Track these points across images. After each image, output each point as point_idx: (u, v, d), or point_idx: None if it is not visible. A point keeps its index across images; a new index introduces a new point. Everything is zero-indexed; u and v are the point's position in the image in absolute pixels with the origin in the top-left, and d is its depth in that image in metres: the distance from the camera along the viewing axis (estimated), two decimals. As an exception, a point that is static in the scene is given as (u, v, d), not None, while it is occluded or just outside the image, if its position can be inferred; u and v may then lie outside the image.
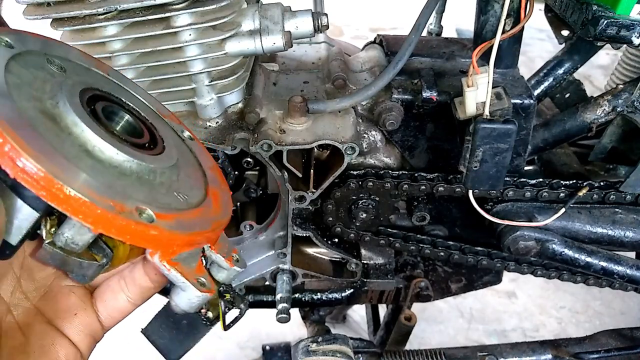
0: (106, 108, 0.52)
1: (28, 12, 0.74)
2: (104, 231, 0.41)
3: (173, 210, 0.48)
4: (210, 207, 0.54)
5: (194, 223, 0.49)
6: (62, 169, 0.39)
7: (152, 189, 0.48)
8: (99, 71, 0.59)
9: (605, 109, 0.99)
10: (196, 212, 0.51)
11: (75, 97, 0.48)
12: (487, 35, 0.92)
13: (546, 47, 3.90)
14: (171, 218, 0.46)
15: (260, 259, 1.09)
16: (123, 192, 0.44)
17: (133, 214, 0.42)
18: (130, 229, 0.42)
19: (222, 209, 0.56)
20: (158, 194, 0.48)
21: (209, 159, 0.64)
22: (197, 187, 0.56)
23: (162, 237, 0.44)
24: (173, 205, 0.49)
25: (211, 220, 0.52)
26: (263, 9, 0.85)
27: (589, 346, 1.16)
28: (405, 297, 1.17)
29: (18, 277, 0.54)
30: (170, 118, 0.65)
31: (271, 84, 1.01)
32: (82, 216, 0.40)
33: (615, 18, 0.80)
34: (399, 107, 0.94)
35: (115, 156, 0.46)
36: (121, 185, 0.45)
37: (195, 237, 0.48)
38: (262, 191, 1.11)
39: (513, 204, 0.99)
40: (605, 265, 1.01)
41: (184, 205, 0.51)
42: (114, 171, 0.46)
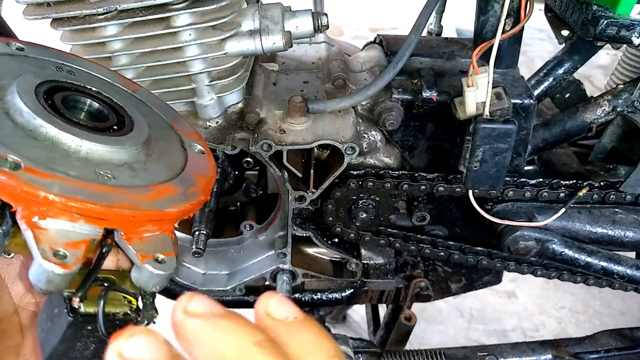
0: (69, 96, 0.52)
1: (28, 12, 0.74)
2: None
3: (61, 174, 0.43)
4: (139, 193, 0.48)
5: (84, 192, 0.43)
6: None
7: (62, 156, 0.46)
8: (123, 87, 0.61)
9: (605, 109, 0.99)
10: (103, 188, 0.45)
11: (36, 79, 0.50)
12: (487, 35, 0.92)
13: (546, 47, 3.90)
14: (47, 177, 0.42)
15: (260, 259, 1.09)
16: (7, 142, 0.42)
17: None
18: None
19: (158, 201, 0.49)
20: (62, 161, 0.45)
21: (207, 169, 0.60)
22: (143, 178, 0.50)
23: (12, 185, 0.40)
24: (71, 173, 0.44)
25: (120, 200, 0.45)
26: (263, 9, 0.85)
27: (589, 346, 1.16)
28: (405, 297, 1.17)
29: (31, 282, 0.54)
30: (187, 134, 0.63)
31: (271, 84, 1.01)
32: None
33: (615, 18, 0.80)
34: (399, 107, 0.94)
35: (31, 120, 0.46)
36: (14, 139, 0.44)
37: (68, 202, 0.42)
38: (262, 191, 1.11)
39: (513, 204, 0.99)
40: (605, 265, 1.01)
41: (90, 178, 0.46)
42: (20, 132, 0.45)
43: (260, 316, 0.35)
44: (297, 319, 0.35)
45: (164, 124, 0.62)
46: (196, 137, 0.64)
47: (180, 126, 0.64)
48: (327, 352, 0.34)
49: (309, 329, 0.35)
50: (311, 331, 0.34)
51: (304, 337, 0.34)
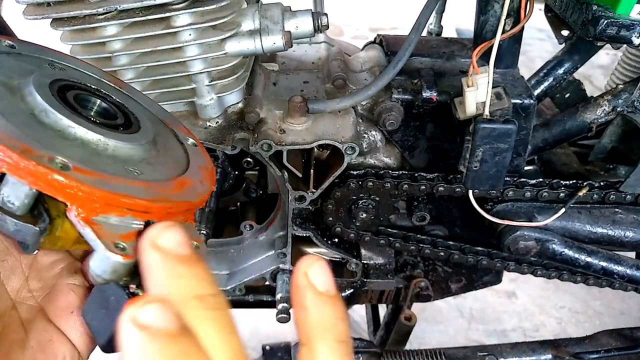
0: (80, 95, 0.53)
1: (28, 12, 0.74)
2: (8, 169, 0.40)
3: (103, 172, 0.46)
4: (166, 186, 0.52)
5: (127, 188, 0.46)
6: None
7: (95, 155, 0.48)
8: (110, 83, 0.61)
9: (605, 109, 0.99)
10: (140, 183, 0.49)
11: (47, 79, 0.50)
12: (487, 35, 0.92)
13: (546, 47, 3.90)
14: (93, 175, 0.44)
15: (260, 259, 1.09)
16: (47, 145, 0.44)
17: (41, 158, 0.41)
18: (30, 170, 0.40)
19: (183, 193, 0.53)
20: (97, 159, 0.48)
21: (206, 160, 0.63)
22: (162, 172, 0.54)
23: (69, 185, 0.42)
24: (110, 170, 0.47)
25: (156, 194, 0.49)
26: (263, 9, 0.85)
27: (589, 346, 1.16)
28: (405, 297, 1.17)
29: (26, 276, 0.54)
30: (178, 128, 0.65)
31: (271, 83, 1.01)
32: (5, 165, 0.40)
33: (615, 18, 0.80)
34: (399, 107, 0.94)
35: (59, 121, 0.47)
36: (51, 141, 0.45)
37: (118, 198, 0.45)
38: (262, 191, 1.11)
39: (513, 204, 0.99)
40: (605, 265, 1.01)
41: (126, 175, 0.49)
42: (52, 133, 0.46)
43: (298, 274, 0.37)
44: (329, 292, 0.36)
45: (157, 120, 0.63)
46: (186, 132, 0.66)
47: (170, 121, 0.66)
48: (338, 334, 0.35)
49: (332, 307, 0.36)
50: (334, 310, 0.36)
51: (325, 311, 0.36)
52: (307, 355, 0.35)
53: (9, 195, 0.42)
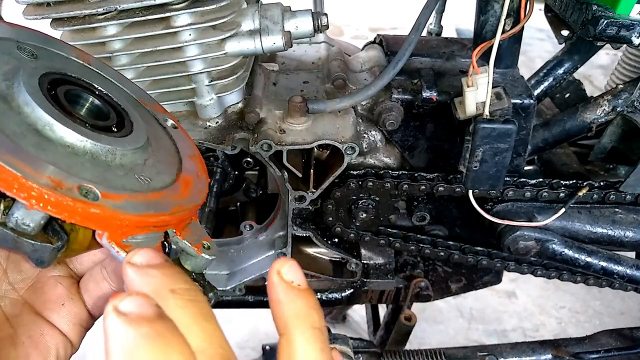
0: (69, 91, 0.51)
1: (28, 12, 0.74)
2: (41, 208, 0.39)
3: (125, 191, 0.46)
4: (175, 192, 0.52)
5: (150, 205, 0.47)
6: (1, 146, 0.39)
7: (107, 169, 0.47)
8: (78, 60, 0.58)
9: (605, 109, 0.99)
10: (155, 195, 0.49)
11: (34, 79, 0.47)
12: (487, 35, 0.92)
13: (546, 47, 3.90)
14: (120, 198, 0.45)
15: (260, 259, 1.09)
16: (67, 170, 0.43)
17: (73, 191, 0.41)
18: (67, 206, 0.40)
19: (190, 195, 0.54)
20: (112, 175, 0.47)
21: (191, 147, 0.62)
22: (166, 172, 0.54)
23: (104, 216, 0.42)
24: (128, 186, 0.47)
25: (172, 204, 0.50)
26: (263, 9, 0.85)
27: (589, 346, 1.16)
28: (405, 297, 1.17)
29: (4, 269, 0.53)
30: (154, 107, 0.63)
31: (271, 83, 1.01)
32: (16, 191, 0.38)
33: (615, 18, 0.80)
34: (399, 107, 0.94)
35: (67, 135, 0.45)
36: (67, 164, 0.44)
37: (146, 219, 0.46)
38: (262, 191, 1.11)
39: (513, 204, 0.99)
40: (605, 265, 1.01)
41: (142, 187, 0.49)
42: (63, 150, 0.45)
43: (271, 273, 0.40)
44: (301, 286, 0.39)
45: (136, 103, 0.61)
46: (162, 110, 0.64)
47: (146, 100, 0.63)
48: (312, 322, 0.38)
49: (305, 299, 0.39)
50: (306, 301, 0.39)
51: (298, 303, 0.39)
52: (285, 344, 0.38)
53: (24, 218, 0.42)
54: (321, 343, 0.38)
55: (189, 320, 0.35)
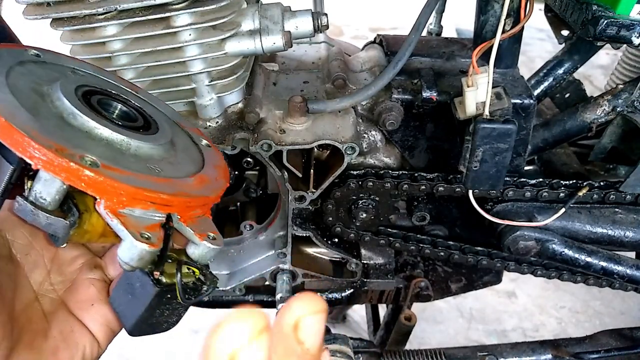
0: (103, 99, 0.57)
1: (28, 12, 0.74)
2: (42, 166, 0.44)
3: (129, 169, 0.50)
4: (185, 183, 0.56)
5: (151, 184, 0.51)
6: (22, 119, 0.45)
7: (119, 154, 0.52)
8: (124, 87, 0.67)
9: (605, 109, 0.99)
10: (161, 180, 0.53)
11: (72, 85, 0.54)
12: (487, 35, 0.92)
13: (546, 47, 3.90)
14: (120, 172, 0.48)
15: (260, 259, 1.09)
16: (76, 144, 0.48)
17: (74, 157, 0.46)
18: (64, 167, 0.45)
19: (201, 189, 0.57)
20: (122, 158, 0.51)
21: (220, 159, 0.68)
22: (181, 170, 0.58)
23: (99, 182, 0.46)
24: (134, 168, 0.51)
25: (177, 189, 0.53)
26: (263, 9, 0.85)
27: (589, 346, 1.16)
28: (405, 297, 1.17)
29: (48, 270, 0.58)
30: (192, 129, 0.70)
31: (271, 83, 1.01)
32: (21, 149, 0.44)
33: (615, 18, 0.80)
34: (399, 107, 0.94)
35: (87, 123, 0.51)
36: (80, 141, 0.49)
37: (143, 192, 0.49)
38: (262, 191, 1.11)
39: (513, 204, 0.99)
40: (605, 265, 1.01)
41: (149, 172, 0.53)
42: (81, 134, 0.50)
43: (287, 320, 0.30)
44: (310, 351, 0.30)
45: (172, 122, 0.68)
46: (199, 133, 0.71)
47: (184, 124, 0.70)
48: None
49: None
50: None
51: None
52: None
53: (41, 191, 0.47)
54: None
55: None
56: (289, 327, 0.29)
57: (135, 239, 0.48)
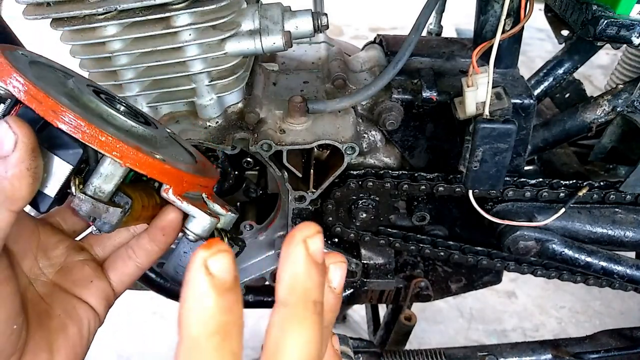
0: (109, 98, 0.61)
1: (28, 12, 0.74)
2: (132, 165, 0.51)
3: (176, 160, 0.59)
4: (199, 167, 0.66)
5: (195, 170, 0.61)
6: (95, 124, 0.50)
7: (155, 147, 0.58)
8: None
9: (605, 109, 0.99)
10: (191, 166, 0.63)
11: (85, 85, 0.58)
12: (487, 35, 0.92)
13: (546, 47, 3.90)
14: (177, 163, 0.58)
15: (260, 259, 1.09)
16: (136, 143, 0.54)
17: (152, 154, 0.53)
18: (150, 163, 0.52)
19: (211, 171, 0.69)
20: (163, 151, 0.59)
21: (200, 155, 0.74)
22: (188, 159, 0.67)
23: (173, 171, 0.55)
24: (177, 158, 0.60)
25: (204, 174, 0.63)
26: (263, 9, 0.85)
27: (589, 346, 1.16)
28: (405, 297, 1.17)
29: (35, 256, 0.61)
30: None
31: (271, 83, 1.01)
32: (117, 153, 0.50)
33: (615, 18, 0.80)
34: (399, 107, 0.94)
35: (125, 122, 0.57)
36: (133, 140, 0.55)
37: (197, 179, 0.59)
38: (262, 191, 1.11)
39: (513, 203, 0.99)
40: (605, 265, 1.01)
41: (179, 161, 0.61)
42: (125, 132, 0.56)
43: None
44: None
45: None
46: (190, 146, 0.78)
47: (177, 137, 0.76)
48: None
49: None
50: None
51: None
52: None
53: (100, 186, 0.52)
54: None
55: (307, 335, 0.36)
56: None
57: (207, 214, 0.59)
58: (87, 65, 0.82)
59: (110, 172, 0.52)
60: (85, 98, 0.56)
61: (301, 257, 0.37)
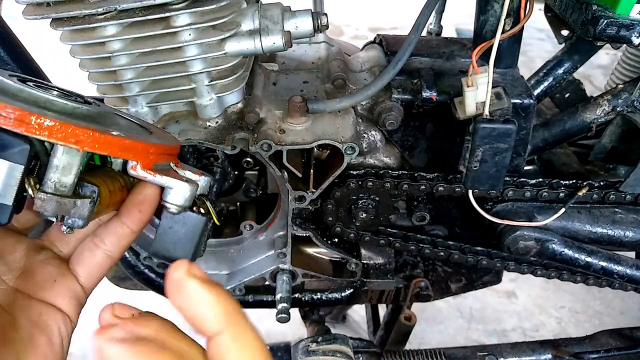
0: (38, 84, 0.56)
1: (27, 12, 0.74)
2: (90, 148, 0.46)
3: (132, 133, 0.55)
4: (161, 135, 0.64)
5: (157, 138, 0.58)
6: (37, 112, 0.45)
7: (106, 125, 0.54)
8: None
9: (605, 109, 0.99)
10: (151, 137, 0.60)
11: (7, 76, 0.53)
12: (487, 35, 0.92)
13: (546, 47, 3.90)
14: (134, 136, 0.54)
15: (260, 259, 1.09)
16: (84, 123, 0.49)
17: (107, 132, 0.49)
18: (110, 141, 0.48)
19: (169, 139, 0.66)
20: (112, 127, 0.54)
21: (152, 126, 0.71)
22: (140, 128, 0.63)
23: (137, 145, 0.51)
24: (134, 132, 0.57)
25: (166, 142, 0.61)
26: (263, 9, 0.84)
27: (589, 346, 1.16)
28: (405, 297, 1.17)
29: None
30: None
31: (271, 83, 1.01)
32: (72, 139, 0.45)
33: (615, 18, 0.80)
34: (399, 107, 0.94)
35: (65, 105, 0.51)
36: (81, 121, 0.50)
37: (162, 148, 0.56)
38: (262, 191, 1.11)
39: (513, 203, 0.99)
40: (605, 265, 1.01)
41: (135, 134, 0.58)
42: (69, 115, 0.51)
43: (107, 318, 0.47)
44: (141, 313, 0.46)
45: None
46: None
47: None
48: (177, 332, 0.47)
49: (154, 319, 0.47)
50: (157, 319, 0.47)
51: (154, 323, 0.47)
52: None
53: (59, 179, 0.48)
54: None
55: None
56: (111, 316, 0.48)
57: (184, 182, 0.57)
58: (86, 65, 0.82)
59: (67, 162, 0.47)
60: (14, 88, 0.50)
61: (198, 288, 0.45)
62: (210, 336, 0.45)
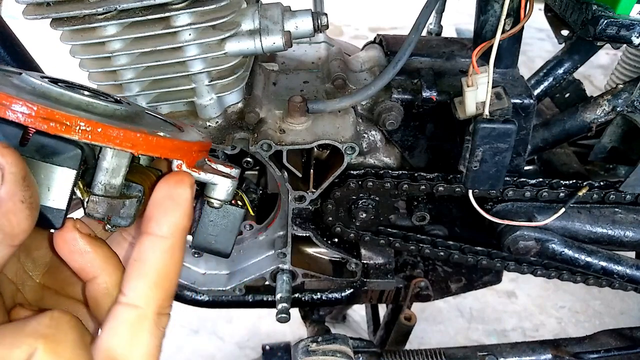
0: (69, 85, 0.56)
1: (27, 12, 0.74)
2: (144, 150, 0.47)
3: (174, 133, 0.56)
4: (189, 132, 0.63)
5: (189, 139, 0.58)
6: (88, 118, 0.44)
7: (142, 124, 0.54)
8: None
9: (605, 109, 0.99)
10: (185, 135, 0.60)
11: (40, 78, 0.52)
12: (487, 35, 0.92)
13: (546, 47, 3.91)
14: (178, 136, 0.55)
15: (260, 259, 1.09)
16: (132, 125, 0.49)
17: (155, 133, 0.49)
18: (159, 143, 0.48)
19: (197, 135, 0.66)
20: (150, 128, 0.54)
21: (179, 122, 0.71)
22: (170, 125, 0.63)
23: (182, 145, 0.52)
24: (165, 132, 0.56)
25: (197, 139, 0.60)
26: (263, 9, 0.84)
27: (589, 346, 1.16)
28: (405, 297, 1.17)
29: (18, 258, 0.56)
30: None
31: (271, 83, 1.01)
32: (128, 143, 0.45)
33: (615, 18, 0.80)
34: (399, 107, 0.94)
35: (106, 107, 0.51)
36: (125, 123, 0.50)
37: (202, 145, 0.57)
38: (262, 191, 1.11)
39: (513, 203, 0.99)
40: (605, 265, 1.01)
41: (174, 133, 0.58)
42: (110, 117, 0.51)
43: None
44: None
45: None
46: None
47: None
48: None
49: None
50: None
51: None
52: None
53: (108, 181, 0.49)
54: None
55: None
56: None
57: (227, 178, 0.58)
58: (86, 65, 0.82)
59: (116, 165, 0.49)
60: (54, 92, 0.49)
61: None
62: (90, 279, 0.50)
